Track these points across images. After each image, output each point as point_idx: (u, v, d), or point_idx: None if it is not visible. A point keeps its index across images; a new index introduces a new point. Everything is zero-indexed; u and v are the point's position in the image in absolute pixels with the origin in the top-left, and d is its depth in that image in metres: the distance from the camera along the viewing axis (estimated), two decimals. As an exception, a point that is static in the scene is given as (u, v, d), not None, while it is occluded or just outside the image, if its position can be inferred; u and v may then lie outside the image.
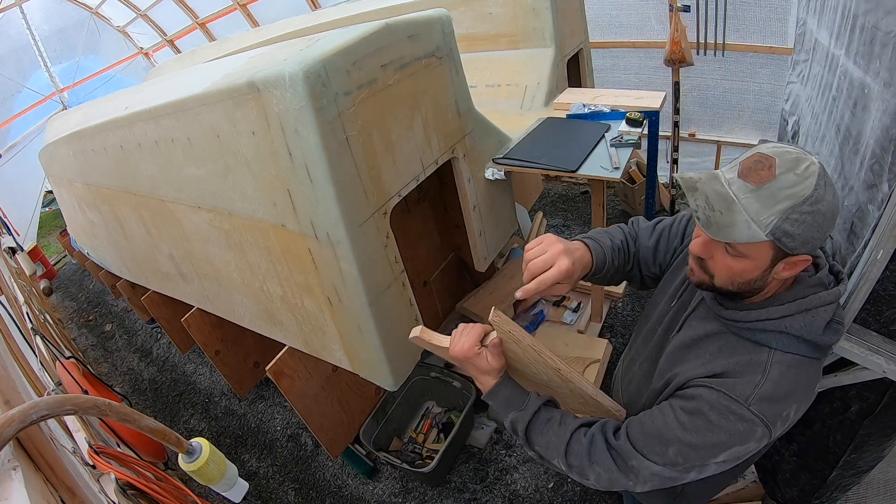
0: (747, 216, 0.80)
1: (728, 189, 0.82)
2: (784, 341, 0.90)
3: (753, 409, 0.87)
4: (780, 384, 0.88)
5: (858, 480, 1.52)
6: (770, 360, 0.90)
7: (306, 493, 2.74)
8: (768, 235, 0.79)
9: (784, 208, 0.78)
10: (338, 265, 1.63)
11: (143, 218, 2.49)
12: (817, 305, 0.89)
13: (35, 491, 0.96)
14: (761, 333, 0.92)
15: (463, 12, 3.01)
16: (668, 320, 1.14)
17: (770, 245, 0.82)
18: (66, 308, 5.38)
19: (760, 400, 0.87)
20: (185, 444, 1.04)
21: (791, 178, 0.78)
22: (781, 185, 0.78)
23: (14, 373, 1.42)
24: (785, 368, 0.89)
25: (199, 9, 6.44)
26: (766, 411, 0.87)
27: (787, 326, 0.89)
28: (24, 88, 6.39)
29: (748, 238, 0.81)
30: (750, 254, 0.84)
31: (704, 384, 0.93)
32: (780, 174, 0.78)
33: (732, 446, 0.89)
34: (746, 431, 0.88)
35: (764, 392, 0.88)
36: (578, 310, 2.97)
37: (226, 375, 2.85)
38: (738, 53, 3.57)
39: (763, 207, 0.79)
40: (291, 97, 1.36)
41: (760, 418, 0.87)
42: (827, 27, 1.39)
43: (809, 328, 0.89)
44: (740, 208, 0.80)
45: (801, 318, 0.89)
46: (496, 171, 2.25)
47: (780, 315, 0.89)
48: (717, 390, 0.90)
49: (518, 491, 2.46)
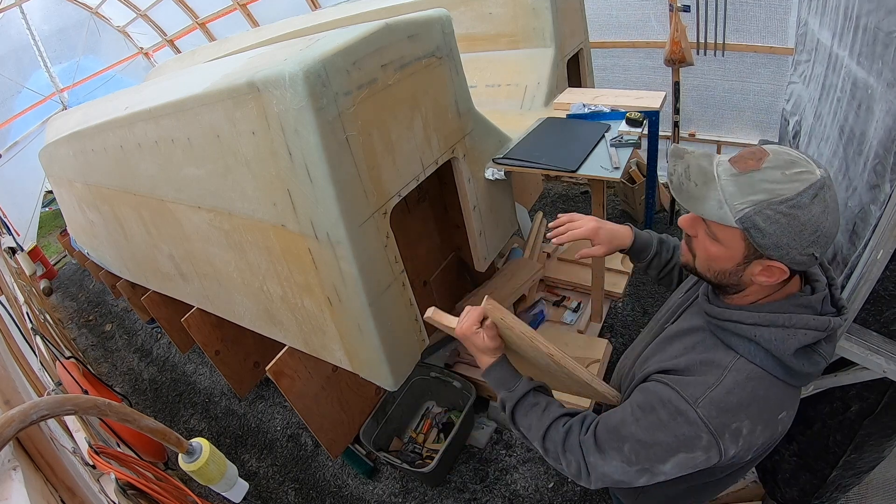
0: (722, 196, 0.80)
1: (714, 168, 0.83)
2: (751, 350, 0.88)
3: (700, 412, 0.85)
4: (733, 393, 0.86)
5: (858, 481, 1.52)
6: (731, 365, 0.88)
7: (306, 493, 2.74)
8: (738, 223, 0.79)
9: (758, 200, 0.77)
10: (338, 265, 1.63)
11: (143, 218, 2.49)
12: (796, 325, 0.85)
13: (35, 491, 0.96)
14: (732, 336, 0.90)
15: (463, 12, 3.01)
16: (670, 312, 1.16)
17: (741, 236, 0.81)
18: (66, 308, 5.38)
19: (709, 404, 0.85)
20: (185, 444, 1.04)
21: (776, 174, 0.77)
22: (763, 178, 0.78)
23: (14, 373, 1.42)
24: (743, 378, 0.87)
25: (199, 9, 6.44)
26: (713, 419, 0.85)
27: (756, 335, 0.86)
28: (24, 88, 6.39)
29: (717, 217, 0.81)
30: (723, 239, 0.84)
31: (660, 379, 0.93)
32: (765, 167, 0.78)
33: (679, 451, 0.88)
34: (691, 436, 0.86)
35: (714, 396, 0.86)
36: (578, 310, 2.97)
37: (226, 375, 2.85)
38: (738, 53, 3.57)
39: (738, 192, 0.79)
40: (291, 97, 1.36)
41: (706, 423, 0.85)
42: (829, 28, 1.39)
43: (780, 345, 0.85)
44: (717, 187, 0.81)
45: (775, 331, 0.85)
46: (496, 171, 2.25)
47: (753, 322, 0.87)
48: (671, 387, 0.90)
49: (518, 491, 2.46)
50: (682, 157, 0.87)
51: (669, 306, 1.18)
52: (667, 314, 1.16)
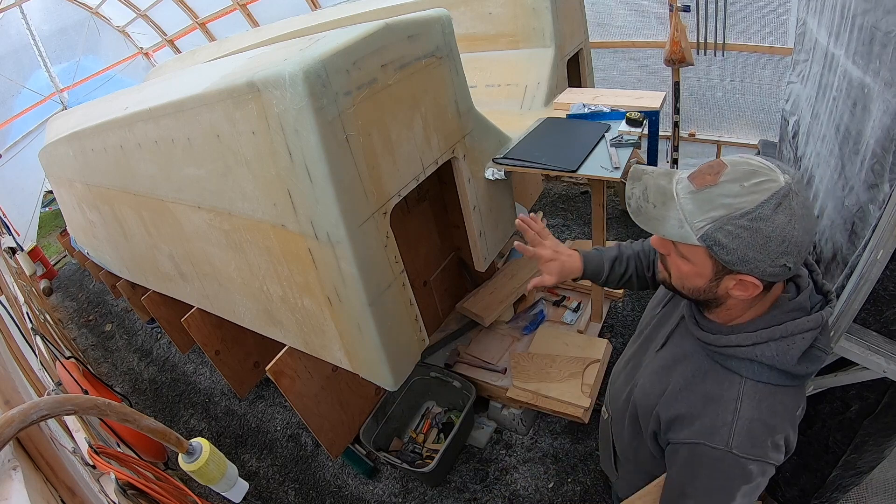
0: (682, 215, 0.80)
1: (673, 187, 0.82)
2: (755, 370, 0.87)
3: (737, 452, 0.85)
4: (755, 420, 0.86)
5: (858, 481, 1.52)
6: (741, 393, 0.87)
7: (306, 493, 2.74)
8: (700, 241, 0.78)
9: (717, 216, 0.76)
10: (338, 265, 1.63)
11: (142, 218, 2.49)
12: (794, 333, 0.84)
13: (35, 491, 0.96)
14: (733, 360, 0.89)
15: (463, 12, 3.01)
16: (651, 328, 1.16)
17: (706, 253, 0.80)
18: (66, 308, 5.38)
19: (741, 442, 0.85)
20: (185, 444, 1.04)
21: (734, 188, 0.76)
22: (721, 193, 0.76)
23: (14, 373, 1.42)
24: (757, 402, 0.86)
25: (199, 9, 6.44)
26: (751, 450, 0.85)
27: (757, 355, 0.85)
28: (24, 88, 6.39)
29: (678, 237, 0.81)
30: (690, 257, 0.84)
31: (682, 442, 0.92)
32: (722, 182, 0.77)
33: (739, 486, 0.87)
34: (742, 474, 0.86)
35: (740, 431, 0.85)
36: (578, 310, 2.97)
37: (226, 375, 2.85)
38: (739, 53, 3.57)
39: (697, 210, 0.78)
40: (291, 97, 1.36)
41: (748, 458, 0.85)
42: (826, 27, 1.39)
43: (783, 357, 0.84)
44: (676, 206, 0.80)
45: (775, 346, 0.85)
46: (496, 171, 2.25)
47: (752, 342, 0.86)
48: (695, 444, 0.89)
49: (518, 491, 2.46)
50: (639, 178, 0.86)
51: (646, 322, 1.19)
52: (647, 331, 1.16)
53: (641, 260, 1.27)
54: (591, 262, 1.26)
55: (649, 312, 1.20)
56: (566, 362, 2.49)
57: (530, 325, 2.86)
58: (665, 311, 1.13)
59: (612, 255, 1.27)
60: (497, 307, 2.87)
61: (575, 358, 2.50)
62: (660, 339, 1.09)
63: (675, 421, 0.94)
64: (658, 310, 1.15)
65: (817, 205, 1.35)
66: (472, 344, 2.86)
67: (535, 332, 2.77)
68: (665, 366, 1.03)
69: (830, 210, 1.23)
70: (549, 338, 2.68)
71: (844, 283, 1.10)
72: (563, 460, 2.53)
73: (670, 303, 1.12)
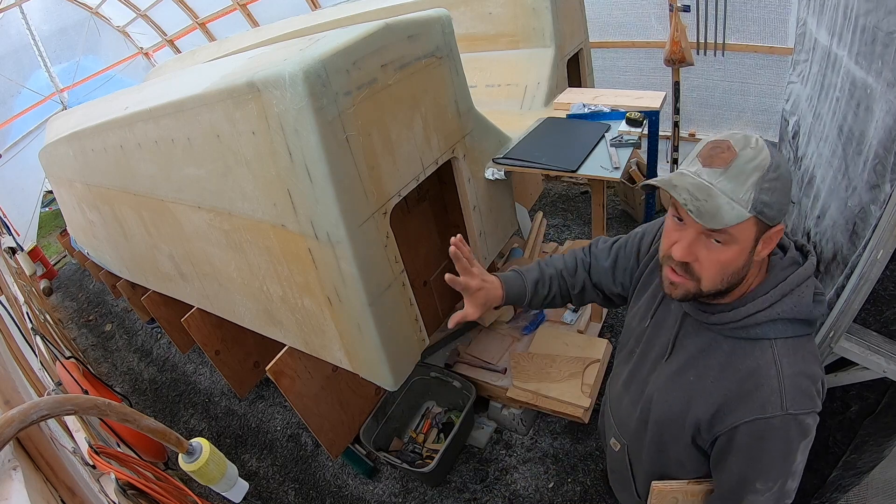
0: (727, 198, 0.81)
1: (700, 179, 0.84)
2: (780, 328, 0.91)
3: (793, 412, 0.88)
4: (799, 371, 0.89)
5: (858, 481, 1.52)
6: (775, 354, 0.90)
7: (306, 493, 2.74)
8: (751, 211, 0.81)
9: (755, 180, 0.80)
10: (338, 265, 1.63)
11: (142, 218, 2.49)
12: (799, 283, 0.91)
13: (35, 491, 0.96)
14: (755, 328, 0.91)
15: (463, 12, 3.01)
16: (644, 343, 1.13)
17: (753, 221, 0.83)
18: (66, 308, 5.38)
19: (793, 400, 0.88)
20: (185, 444, 1.04)
21: (749, 152, 0.81)
22: (745, 160, 0.81)
23: (14, 373, 1.42)
24: (793, 357, 0.90)
25: (199, 9, 6.44)
26: (803, 402, 0.88)
27: (779, 312, 0.90)
28: (24, 88, 6.39)
29: (736, 219, 0.81)
30: (738, 236, 0.84)
31: (736, 423, 0.92)
32: (740, 151, 0.81)
33: (799, 444, 0.90)
34: (801, 431, 0.89)
35: (790, 391, 0.88)
36: (578, 310, 2.97)
37: (226, 375, 2.85)
38: (739, 53, 3.57)
39: (737, 185, 0.81)
40: (291, 97, 1.36)
41: (804, 413, 0.88)
42: (827, 27, 1.39)
43: (800, 306, 0.90)
44: (718, 192, 0.82)
45: (790, 300, 0.90)
46: (496, 171, 2.25)
47: (769, 304, 0.90)
48: (751, 421, 0.90)
49: (518, 491, 2.46)
50: (674, 185, 0.85)
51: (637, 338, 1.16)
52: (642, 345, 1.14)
53: (565, 279, 1.26)
54: (512, 288, 1.23)
55: (636, 328, 1.17)
56: (566, 362, 2.49)
57: (530, 325, 2.86)
58: (655, 322, 1.10)
59: (533, 277, 1.24)
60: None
61: (575, 358, 2.50)
62: (662, 349, 1.07)
63: (717, 414, 0.95)
64: (647, 322, 1.12)
65: (819, 205, 1.34)
66: (472, 344, 2.86)
67: (535, 332, 2.77)
68: (680, 370, 1.02)
69: (833, 210, 1.23)
70: (549, 338, 2.68)
71: (844, 283, 1.10)
72: (563, 460, 2.53)
73: (658, 312, 1.10)
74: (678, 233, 0.89)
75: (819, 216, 1.33)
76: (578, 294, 1.27)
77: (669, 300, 1.06)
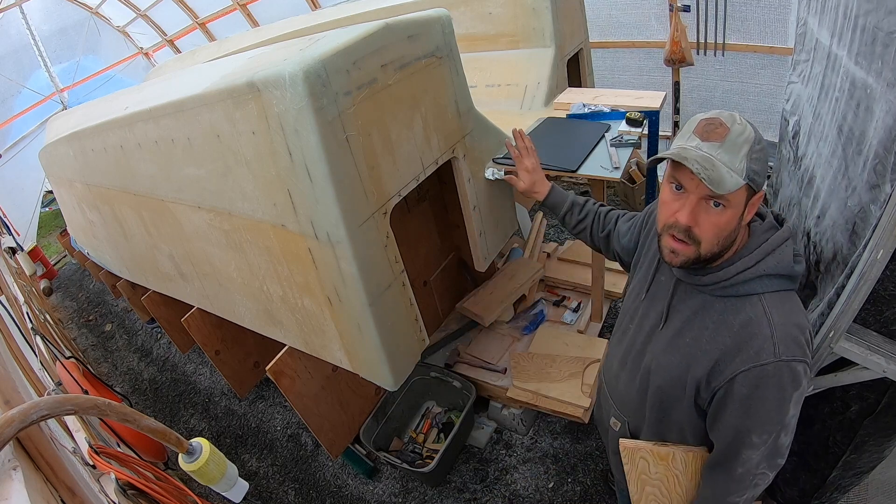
0: (727, 168, 0.91)
1: (702, 152, 0.93)
2: (766, 283, 0.99)
3: (785, 357, 0.94)
4: (788, 321, 0.97)
5: (858, 481, 1.52)
6: (764, 307, 0.98)
7: (306, 493, 2.74)
8: (745, 179, 0.92)
9: (746, 152, 0.91)
10: (338, 265, 1.62)
11: (142, 218, 2.49)
12: (779, 244, 1.00)
13: (35, 491, 0.96)
14: (744, 285, 1.00)
15: (463, 12, 3.01)
16: (639, 317, 1.20)
17: (745, 188, 0.93)
18: (66, 308, 5.38)
19: (785, 346, 0.95)
20: (185, 444, 1.04)
21: (738, 127, 0.92)
22: (737, 134, 0.92)
23: (14, 373, 1.42)
24: (781, 308, 0.99)
25: (199, 9, 6.44)
26: (795, 350, 0.95)
27: (764, 269, 0.99)
28: (24, 88, 6.39)
29: (735, 185, 0.91)
30: (733, 200, 0.94)
31: (733, 374, 0.98)
32: (731, 126, 0.92)
33: (792, 395, 0.97)
34: (794, 378, 0.95)
35: (781, 338, 0.95)
36: (578, 310, 2.97)
37: (226, 375, 2.85)
38: (739, 53, 3.57)
39: (733, 157, 0.91)
40: (291, 97, 1.36)
41: (795, 359, 0.95)
42: (828, 27, 1.39)
43: (783, 263, 0.99)
44: (719, 163, 0.91)
45: (772, 258, 0.99)
46: (496, 171, 2.25)
47: (755, 261, 0.99)
48: (747, 370, 0.96)
49: (518, 491, 2.46)
50: (685, 157, 0.94)
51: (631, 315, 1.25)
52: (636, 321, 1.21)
53: (599, 219, 1.49)
54: (555, 195, 1.58)
55: (631, 305, 1.26)
56: (566, 362, 2.49)
57: (530, 325, 2.86)
58: (650, 296, 1.19)
59: (577, 201, 1.55)
60: (497, 307, 2.86)
61: (575, 358, 2.50)
62: (658, 318, 1.14)
63: (714, 368, 1.02)
64: (643, 296, 1.21)
65: (819, 205, 1.34)
66: (472, 344, 2.86)
67: (535, 332, 2.77)
68: (676, 335, 1.09)
69: (833, 210, 1.23)
70: (549, 338, 2.68)
71: (844, 283, 1.10)
72: (563, 460, 2.53)
73: (652, 286, 1.19)
74: (678, 202, 0.98)
75: (819, 216, 1.33)
76: (605, 237, 1.48)
77: (662, 274, 1.16)
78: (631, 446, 1.22)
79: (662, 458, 1.17)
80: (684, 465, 1.17)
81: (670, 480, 1.20)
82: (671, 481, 1.20)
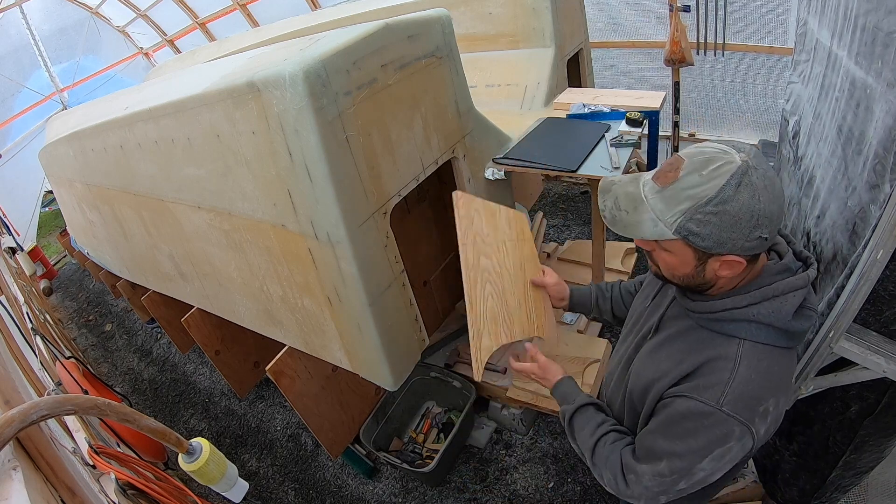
0: (654, 215, 0.84)
1: (641, 190, 0.87)
2: (752, 330, 0.89)
3: (726, 410, 0.86)
4: (752, 381, 0.87)
5: (858, 481, 1.52)
6: (739, 353, 0.89)
7: (306, 493, 2.74)
8: (675, 234, 0.83)
9: (685, 208, 0.81)
10: (338, 265, 1.63)
11: (142, 218, 2.49)
12: (785, 291, 0.87)
13: (35, 491, 0.96)
14: (729, 324, 0.91)
15: (463, 12, 3.01)
16: (641, 322, 1.17)
17: (683, 243, 0.85)
18: (66, 308, 5.38)
19: (733, 400, 0.86)
20: (185, 444, 1.04)
21: (694, 178, 0.80)
22: (684, 186, 0.81)
23: (14, 373, 1.42)
24: (755, 362, 0.88)
25: (199, 9, 6.44)
26: (741, 411, 0.86)
27: (754, 314, 0.88)
28: (24, 88, 6.39)
29: (655, 235, 0.86)
30: (672, 249, 0.88)
31: (676, 394, 0.93)
32: (683, 175, 0.81)
33: (713, 450, 0.88)
34: (724, 433, 0.87)
35: (734, 391, 0.86)
36: (578, 310, 2.96)
37: (226, 375, 2.85)
38: (739, 53, 3.57)
39: (666, 207, 0.83)
40: (291, 97, 1.36)
41: (735, 418, 0.86)
42: (828, 27, 1.39)
43: (778, 314, 0.87)
44: (647, 207, 0.85)
45: (769, 304, 0.87)
46: (496, 171, 2.25)
47: (747, 303, 0.88)
48: (688, 398, 0.90)
49: (518, 491, 2.46)
50: (608, 190, 0.91)
51: (636, 319, 1.22)
52: (638, 325, 1.19)
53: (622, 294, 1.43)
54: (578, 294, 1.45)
55: (639, 307, 1.23)
56: (566, 362, 2.49)
57: (530, 325, 2.86)
58: (656, 302, 1.15)
59: (597, 292, 1.46)
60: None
61: (575, 358, 2.50)
62: (650, 328, 1.11)
63: (669, 387, 0.96)
64: (648, 302, 1.17)
65: (818, 205, 1.34)
66: (472, 344, 2.86)
67: (535, 332, 2.76)
68: (656, 348, 1.05)
69: (833, 211, 1.23)
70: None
71: (844, 283, 1.10)
72: (563, 460, 2.53)
73: (660, 293, 1.15)
74: None
75: (819, 216, 1.33)
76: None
77: (669, 286, 1.10)
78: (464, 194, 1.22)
79: (491, 212, 1.19)
80: (509, 224, 1.20)
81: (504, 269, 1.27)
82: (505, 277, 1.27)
